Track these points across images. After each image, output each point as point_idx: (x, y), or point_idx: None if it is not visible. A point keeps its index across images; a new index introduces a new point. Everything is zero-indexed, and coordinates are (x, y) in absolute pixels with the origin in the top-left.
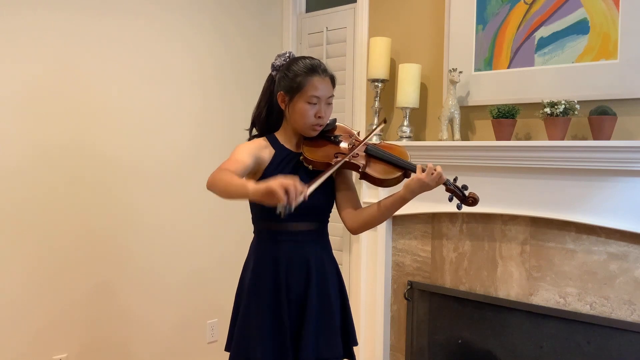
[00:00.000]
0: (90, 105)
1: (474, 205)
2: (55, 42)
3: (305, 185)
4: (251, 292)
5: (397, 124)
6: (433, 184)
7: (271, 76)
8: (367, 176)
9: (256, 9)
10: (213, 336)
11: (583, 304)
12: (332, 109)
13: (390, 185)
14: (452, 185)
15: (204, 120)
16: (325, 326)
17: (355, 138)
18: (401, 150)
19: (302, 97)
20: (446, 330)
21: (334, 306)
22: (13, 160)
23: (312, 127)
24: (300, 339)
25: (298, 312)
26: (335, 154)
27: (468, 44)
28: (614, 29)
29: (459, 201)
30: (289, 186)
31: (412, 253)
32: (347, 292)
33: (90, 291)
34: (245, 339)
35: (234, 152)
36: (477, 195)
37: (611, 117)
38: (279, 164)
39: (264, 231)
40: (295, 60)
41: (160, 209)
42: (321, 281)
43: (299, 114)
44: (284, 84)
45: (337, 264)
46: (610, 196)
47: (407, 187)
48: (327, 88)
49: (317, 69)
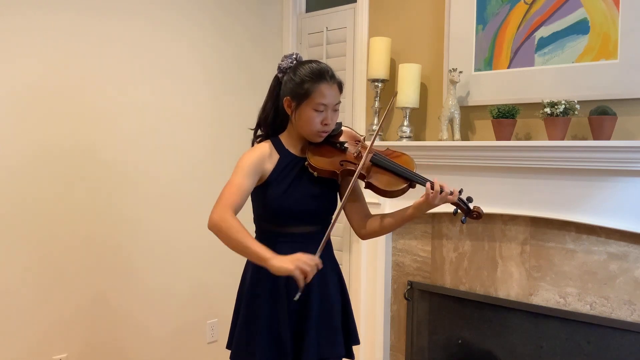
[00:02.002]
0: (89, 107)
1: (479, 219)
2: (55, 43)
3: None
4: (252, 292)
5: (397, 124)
6: (442, 203)
7: (277, 78)
8: (372, 186)
9: (256, 9)
10: (213, 336)
11: (583, 304)
12: (338, 115)
13: (396, 196)
14: (458, 198)
15: (205, 121)
16: (327, 326)
17: (362, 145)
18: (407, 160)
19: (309, 104)
20: (446, 330)
21: (335, 306)
22: (13, 162)
23: (318, 134)
24: (301, 340)
25: (299, 313)
26: (340, 162)
27: (468, 44)
28: (614, 29)
29: (463, 215)
30: (307, 271)
31: (412, 253)
32: (348, 292)
33: (90, 291)
34: (245, 339)
35: (235, 172)
36: (482, 210)
37: (611, 117)
38: (284, 169)
39: (266, 232)
40: (303, 65)
41: (160, 210)
42: (322, 281)
43: (305, 121)
44: (290, 89)
45: (338, 265)
46: (610, 196)
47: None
48: (335, 95)
49: (324, 75)
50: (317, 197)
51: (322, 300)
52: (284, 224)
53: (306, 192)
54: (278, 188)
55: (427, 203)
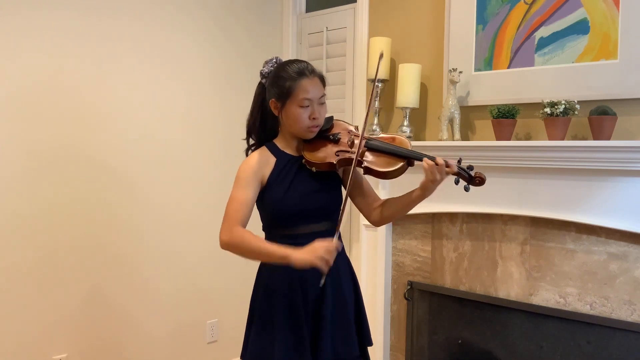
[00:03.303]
0: (90, 106)
1: (482, 185)
2: (54, 43)
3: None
4: (267, 296)
5: (397, 124)
6: (444, 176)
7: (261, 84)
8: (370, 170)
9: (256, 9)
10: (213, 336)
11: (583, 304)
12: (326, 108)
13: (396, 176)
14: (458, 167)
15: (203, 122)
16: (341, 326)
17: (354, 133)
18: (402, 140)
19: (294, 102)
20: (446, 330)
21: (349, 306)
22: (10, 164)
23: (309, 129)
24: (318, 340)
25: (314, 314)
26: (336, 152)
27: (468, 44)
28: (614, 29)
29: (465, 183)
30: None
31: (412, 253)
32: None
33: (90, 291)
34: (262, 343)
35: (235, 186)
36: (484, 175)
37: (611, 117)
38: (282, 170)
39: (277, 236)
40: (282, 66)
41: (160, 208)
42: (335, 282)
43: (293, 118)
44: (274, 91)
45: (350, 264)
46: (610, 196)
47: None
48: (318, 88)
49: (304, 71)
50: (320, 192)
51: (336, 301)
52: (292, 225)
53: (308, 189)
54: (279, 189)
55: (430, 180)
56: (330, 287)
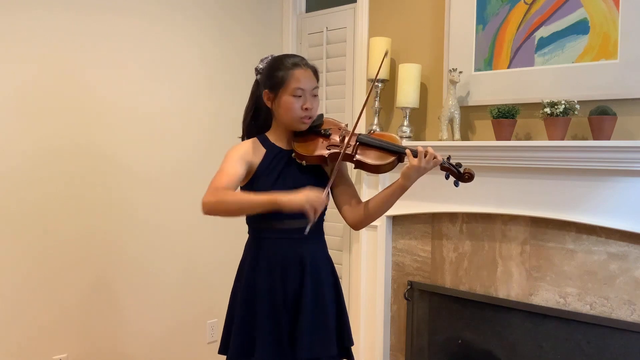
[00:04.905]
0: (89, 105)
1: (471, 181)
2: (54, 42)
3: (323, 192)
4: (247, 292)
5: (397, 124)
6: (429, 166)
7: (257, 81)
8: (361, 164)
9: (256, 9)
10: (213, 336)
11: (583, 304)
12: (318, 101)
13: (386, 170)
14: (447, 163)
15: (203, 120)
16: (320, 326)
17: (345, 130)
18: (392, 136)
19: (287, 91)
20: (446, 330)
21: (329, 306)
22: (12, 161)
23: (301, 120)
24: (295, 338)
25: (293, 311)
26: (327, 147)
27: (468, 44)
28: (614, 29)
29: (455, 179)
30: (316, 204)
31: (412, 253)
32: (347, 292)
33: (90, 291)
34: (242, 340)
35: (224, 162)
36: (473, 171)
37: (611, 117)
38: (271, 162)
39: (258, 230)
40: (276, 59)
41: (160, 209)
42: (315, 280)
43: (285, 108)
44: (267, 82)
45: (332, 263)
46: (610, 196)
47: (405, 175)
48: (310, 79)
49: (297, 62)
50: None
51: (316, 299)
52: (276, 218)
53: (296, 183)
54: (267, 181)
55: (414, 168)
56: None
